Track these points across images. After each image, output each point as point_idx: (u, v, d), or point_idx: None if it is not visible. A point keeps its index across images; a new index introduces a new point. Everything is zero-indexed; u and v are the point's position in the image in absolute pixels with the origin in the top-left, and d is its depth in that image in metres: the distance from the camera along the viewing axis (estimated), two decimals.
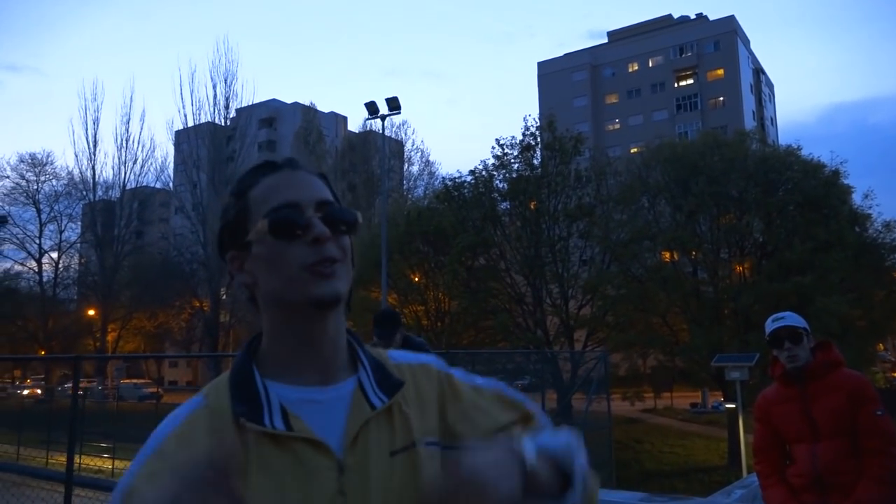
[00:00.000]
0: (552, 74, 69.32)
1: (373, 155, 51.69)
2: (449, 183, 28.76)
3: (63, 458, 19.21)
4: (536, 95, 69.69)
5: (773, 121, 71.78)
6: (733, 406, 15.77)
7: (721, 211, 25.96)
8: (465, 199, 27.90)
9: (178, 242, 50.30)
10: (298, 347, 0.92)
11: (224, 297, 46.84)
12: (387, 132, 54.12)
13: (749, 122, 55.77)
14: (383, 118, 20.45)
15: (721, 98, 62.17)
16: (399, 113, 19.89)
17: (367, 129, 52.37)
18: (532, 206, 27.23)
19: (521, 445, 0.82)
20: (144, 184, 48.57)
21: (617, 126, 65.65)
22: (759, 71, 68.67)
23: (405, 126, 55.00)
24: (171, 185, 50.17)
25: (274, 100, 66.44)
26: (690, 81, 63.75)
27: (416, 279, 28.95)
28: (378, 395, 0.93)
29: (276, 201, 0.92)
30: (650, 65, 66.16)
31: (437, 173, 42.99)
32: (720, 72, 62.72)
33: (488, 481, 0.76)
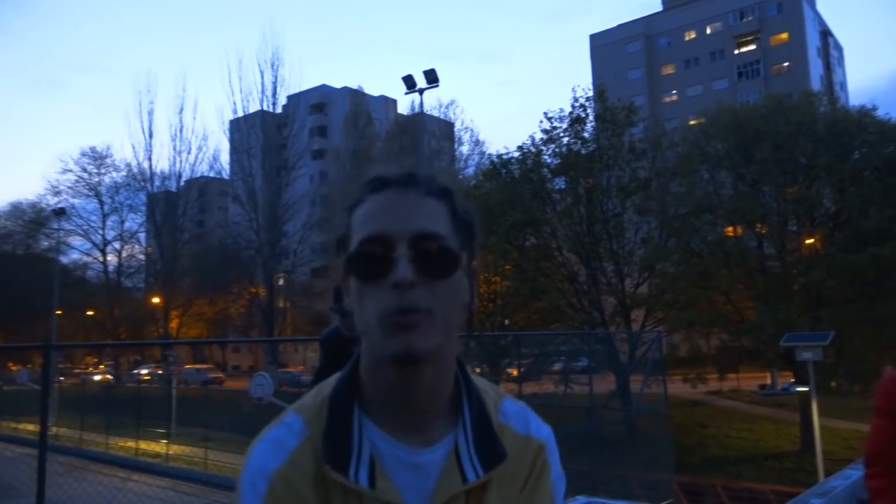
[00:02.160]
0: (605, 47, 67.18)
1: (422, 136, 51.20)
2: (496, 160, 27.90)
3: (123, 443, 19.66)
4: (590, 71, 67.70)
5: (843, 86, 67.85)
6: (806, 389, 14.60)
7: (788, 179, 24.30)
8: (513, 176, 27.02)
9: (234, 230, 51.15)
10: (391, 395, 0.84)
11: (281, 282, 47.70)
12: (435, 112, 54.11)
13: (817, 88, 52.78)
14: (421, 91, 19.77)
15: (786, 64, 58.98)
16: (437, 86, 19.20)
17: (416, 110, 51.99)
18: (585, 184, 26.18)
19: None
20: (200, 173, 49.46)
21: (674, 97, 63.17)
22: (826, 33, 64.89)
23: (453, 106, 54.18)
24: (224, 173, 50.92)
25: (324, 85, 66.59)
26: (752, 47, 60.67)
27: None
28: (475, 465, 0.84)
29: (366, 231, 0.82)
30: (708, 32, 63.27)
31: (487, 153, 42.09)
32: (784, 36, 59.46)
33: None
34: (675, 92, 63.57)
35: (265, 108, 45.58)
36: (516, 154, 27.17)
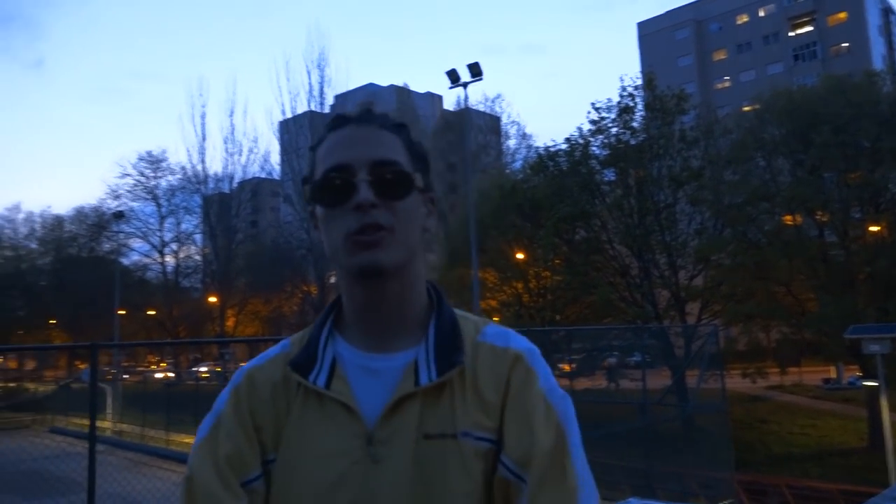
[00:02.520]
0: (653, 35, 65.69)
1: (468, 131, 51.08)
2: (542, 153, 27.53)
3: (182, 439, 20.19)
4: (638, 60, 66.35)
5: None
6: (874, 383, 13.96)
7: (850, 164, 23.26)
8: (561, 168, 26.62)
9: (286, 230, 52.04)
10: (359, 310, 0.93)
11: (333, 280, 48.35)
12: (481, 107, 53.93)
13: (879, 69, 50.50)
14: (465, 85, 19.58)
15: (845, 44, 56.60)
16: (481, 79, 18.97)
17: (462, 106, 51.87)
18: (635, 174, 25.62)
19: None
20: (251, 175, 50.42)
21: (727, 84, 61.37)
22: (888, 10, 62.00)
23: (500, 100, 53.82)
24: (274, 174, 51.77)
25: (370, 84, 67.03)
26: (808, 28, 58.43)
27: (516, 254, 28.06)
28: (431, 370, 0.89)
29: (329, 163, 0.90)
30: (761, 14, 61.20)
31: (534, 146, 41.72)
32: (842, 15, 57.07)
33: None
34: (727, 78, 61.75)
35: (313, 108, 46.17)
36: (564, 146, 26.77)
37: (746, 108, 33.25)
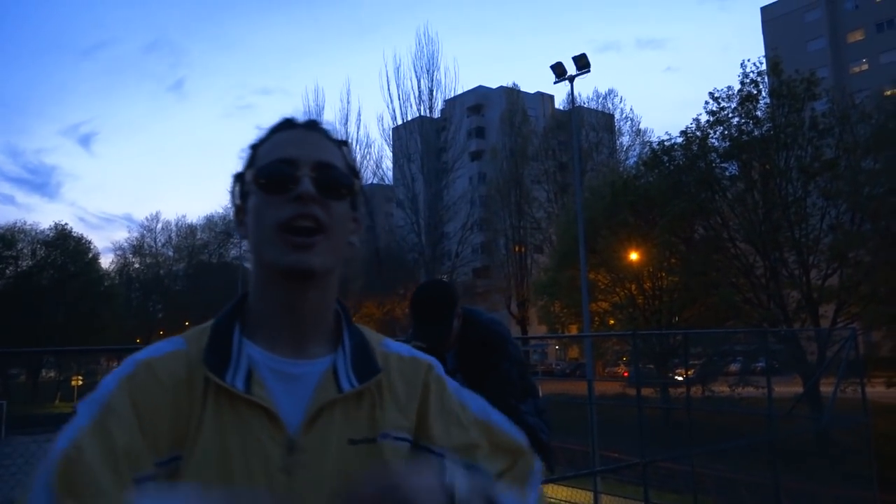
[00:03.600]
0: (779, 19, 61.48)
1: (580, 129, 49.90)
2: (656, 147, 26.22)
3: None
4: (762, 46, 62.32)
5: None
6: None
7: None
8: (677, 163, 25.23)
9: (399, 234, 53.07)
10: (276, 313, 0.90)
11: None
12: (593, 105, 52.51)
13: None
14: (571, 79, 18.88)
15: None
16: (588, 71, 18.21)
17: (571, 101, 50.67)
18: (760, 167, 23.86)
19: (456, 479, 0.78)
20: (365, 181, 51.71)
21: (864, 67, 56.35)
22: None
23: (612, 95, 52.16)
24: (387, 179, 52.86)
25: (480, 86, 67.15)
26: None
27: (629, 254, 26.94)
28: (350, 378, 0.90)
29: (275, 155, 0.91)
30: None
31: (650, 141, 40.00)
32: None
33: (408, 501, 0.72)
34: (864, 60, 56.71)
35: (423, 113, 46.71)
36: (679, 140, 25.37)
37: (888, 93, 30.30)
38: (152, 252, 63.07)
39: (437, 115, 47.96)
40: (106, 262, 64.44)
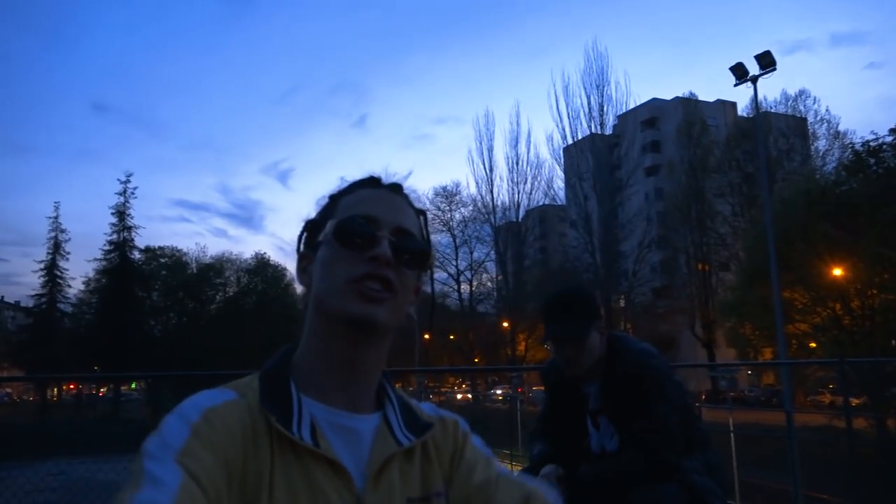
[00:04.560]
0: None
1: (768, 135, 46.08)
2: (860, 148, 23.36)
3: None
4: None
5: None
6: None
7: None
8: (886, 164, 22.28)
9: (572, 254, 52.25)
10: (333, 366, 0.90)
11: (622, 303, 47.13)
12: (781, 109, 48.31)
13: None
14: (755, 80, 17.33)
15: None
16: (774, 70, 16.63)
17: (756, 106, 46.90)
18: None
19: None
20: (536, 202, 51.65)
21: None
22: None
23: (804, 96, 47.68)
24: (558, 199, 52.40)
25: (654, 99, 64.71)
26: None
27: (831, 270, 24.16)
28: (405, 432, 0.91)
29: (357, 210, 0.92)
30: None
31: (852, 143, 35.85)
32: None
33: None
34: None
35: (593, 130, 45.81)
36: (889, 139, 22.44)
37: None
38: None
39: (608, 131, 46.83)
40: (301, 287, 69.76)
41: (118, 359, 39.15)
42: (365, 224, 0.89)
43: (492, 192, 50.29)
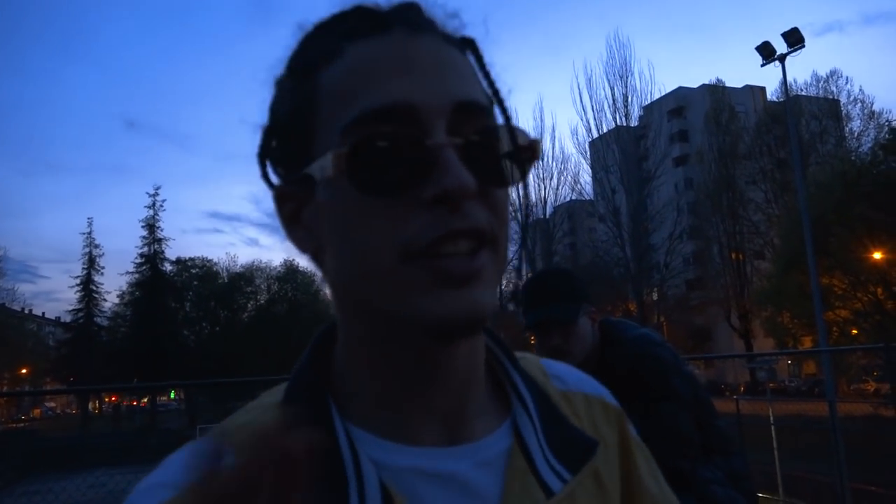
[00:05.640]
0: None
1: (799, 118, 44.93)
2: None
3: None
4: None
5: None
6: None
7: None
8: None
9: (602, 248, 51.68)
10: (402, 388, 0.53)
11: (655, 296, 46.39)
12: (812, 90, 47.12)
13: None
14: (782, 59, 16.70)
15: None
16: (802, 47, 15.99)
17: (785, 89, 45.87)
18: None
19: None
20: (563, 197, 51.12)
21: None
22: None
23: (835, 77, 46.47)
24: (584, 193, 51.82)
25: (680, 88, 63.69)
26: None
27: (871, 253, 23.37)
28: (553, 465, 0.54)
29: (373, 100, 0.48)
30: None
31: (888, 122, 34.72)
32: None
33: None
34: None
35: (618, 121, 45.21)
36: None
37: None
38: None
39: (634, 122, 46.17)
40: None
41: (154, 370, 39.69)
42: (399, 130, 0.47)
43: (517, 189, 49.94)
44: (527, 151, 0.53)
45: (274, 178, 0.56)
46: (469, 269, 0.47)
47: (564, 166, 48.74)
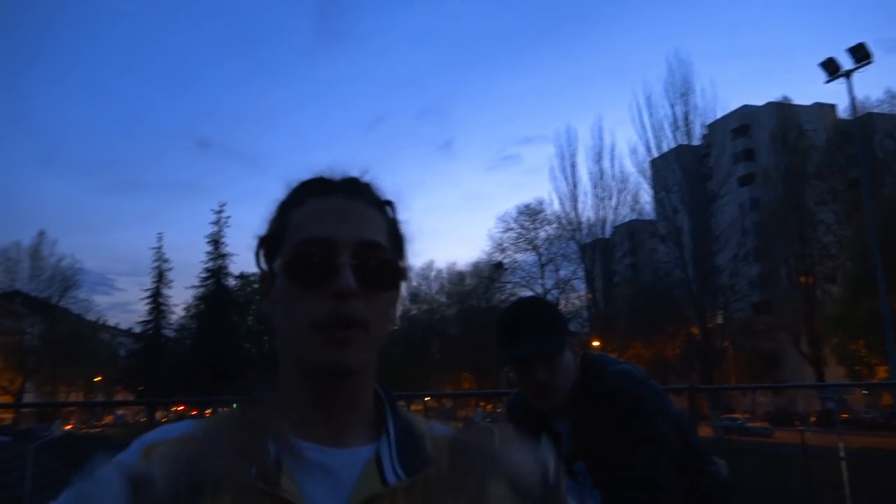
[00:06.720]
0: None
1: (872, 137, 43.09)
2: None
3: None
4: None
5: None
6: None
7: None
8: None
9: (663, 269, 50.57)
10: (309, 405, 0.81)
11: (719, 320, 44.99)
12: (885, 108, 45.16)
13: None
14: (848, 74, 16.07)
15: None
16: (869, 62, 15.35)
17: (855, 106, 44.06)
18: None
19: (549, 460, 0.77)
20: (623, 217, 50.39)
21: None
22: None
23: None
24: (644, 213, 51.00)
25: (744, 106, 62.13)
26: None
27: None
28: (396, 469, 0.78)
29: (308, 233, 0.79)
30: None
31: None
32: None
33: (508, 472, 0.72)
34: None
35: (679, 140, 44.40)
36: None
37: None
38: (427, 299, 67.87)
39: (696, 141, 45.24)
40: None
41: (216, 381, 40.80)
42: (318, 252, 0.77)
43: (576, 208, 49.42)
44: (401, 273, 0.81)
45: (263, 264, 0.85)
46: (343, 340, 0.75)
47: (624, 185, 47.85)
